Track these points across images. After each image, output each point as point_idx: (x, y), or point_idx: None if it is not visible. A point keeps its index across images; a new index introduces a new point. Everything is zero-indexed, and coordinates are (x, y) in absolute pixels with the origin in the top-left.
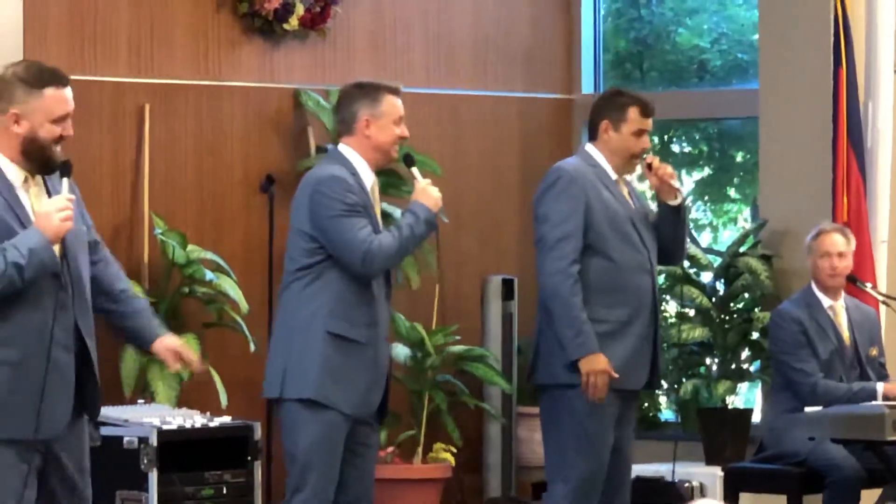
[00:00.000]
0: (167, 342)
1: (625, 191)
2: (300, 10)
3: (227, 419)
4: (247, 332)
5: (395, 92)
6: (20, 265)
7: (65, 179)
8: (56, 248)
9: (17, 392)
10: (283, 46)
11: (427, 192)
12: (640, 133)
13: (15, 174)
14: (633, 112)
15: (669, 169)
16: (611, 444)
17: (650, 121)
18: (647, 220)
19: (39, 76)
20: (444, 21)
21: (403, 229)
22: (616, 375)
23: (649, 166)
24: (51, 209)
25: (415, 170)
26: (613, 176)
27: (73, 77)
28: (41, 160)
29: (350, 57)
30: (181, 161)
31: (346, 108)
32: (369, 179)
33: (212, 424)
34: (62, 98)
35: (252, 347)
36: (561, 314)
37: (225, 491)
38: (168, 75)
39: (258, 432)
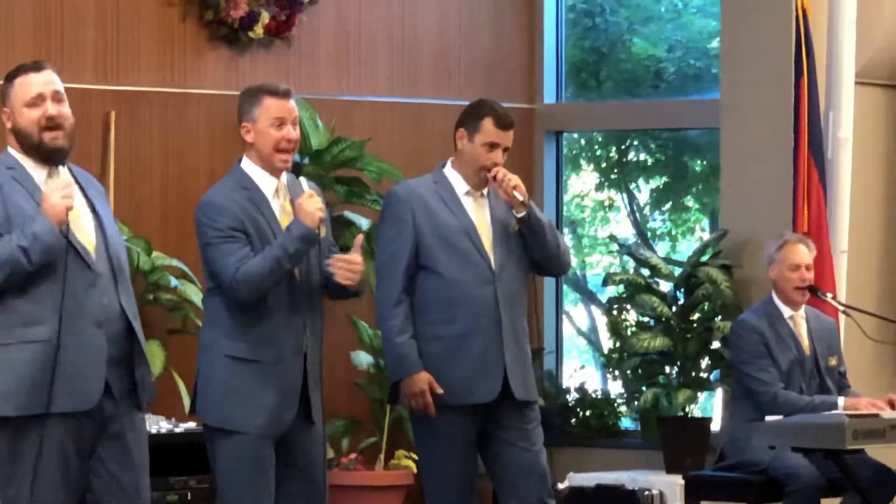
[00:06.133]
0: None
1: (479, 203)
2: (265, 18)
3: (191, 425)
4: None
5: (274, 93)
6: (25, 248)
7: (83, 176)
8: (91, 234)
9: (49, 369)
10: (248, 54)
11: (303, 208)
12: (492, 146)
13: (35, 170)
14: (487, 123)
15: (514, 182)
16: (467, 460)
17: (507, 134)
18: (503, 231)
19: (14, 72)
20: (408, 30)
21: (275, 249)
22: (440, 391)
23: (494, 178)
24: (51, 191)
25: (302, 180)
26: (463, 189)
27: None
28: (34, 148)
29: (314, 65)
30: (146, 168)
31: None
32: (270, 186)
33: (177, 430)
34: (28, 81)
35: None
36: (383, 338)
37: (190, 496)
38: (134, 82)
39: None
